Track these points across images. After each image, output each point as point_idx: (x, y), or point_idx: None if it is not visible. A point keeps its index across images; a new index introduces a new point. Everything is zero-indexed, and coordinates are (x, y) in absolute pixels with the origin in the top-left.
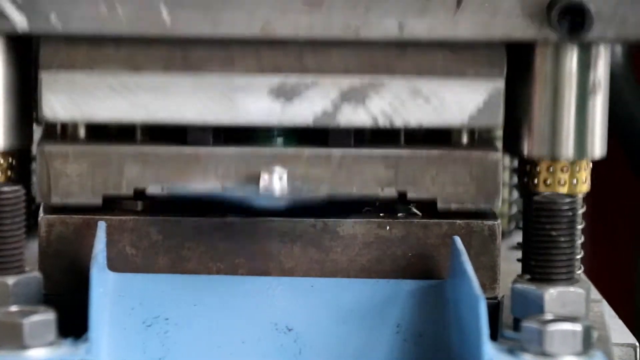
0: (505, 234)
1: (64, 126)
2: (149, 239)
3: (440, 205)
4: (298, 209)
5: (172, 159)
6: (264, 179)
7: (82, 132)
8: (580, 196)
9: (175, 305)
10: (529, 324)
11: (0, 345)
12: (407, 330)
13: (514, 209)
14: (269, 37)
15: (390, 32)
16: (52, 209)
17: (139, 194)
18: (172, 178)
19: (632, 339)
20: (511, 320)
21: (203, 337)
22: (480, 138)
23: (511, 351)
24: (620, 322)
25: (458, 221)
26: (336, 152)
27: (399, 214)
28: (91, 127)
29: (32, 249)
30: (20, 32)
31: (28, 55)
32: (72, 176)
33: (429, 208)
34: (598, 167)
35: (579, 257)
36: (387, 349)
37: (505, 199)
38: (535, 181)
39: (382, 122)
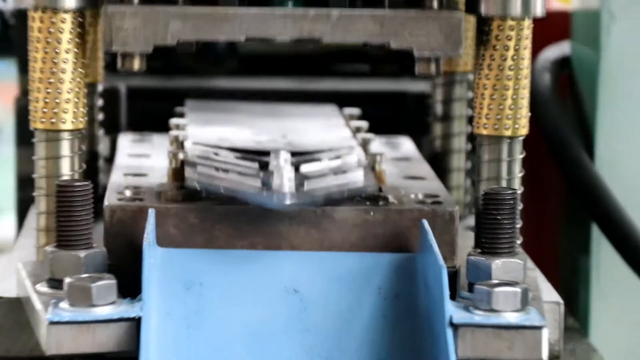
0: (461, 218)
1: None
2: (187, 222)
3: (416, 53)
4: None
5: (207, 16)
6: (276, 180)
7: None
8: (520, 139)
9: (208, 273)
10: (480, 287)
11: (74, 304)
12: (386, 291)
13: (468, 198)
14: None
15: None
16: (114, 197)
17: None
18: (206, 31)
19: (557, 298)
20: (466, 284)
21: (228, 297)
22: (447, 0)
23: (466, 308)
24: (549, 284)
25: (425, 208)
26: (335, 11)
27: (380, 203)
28: None
29: (98, 229)
30: None
31: None
32: (128, 30)
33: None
34: (529, 162)
35: (518, 235)
36: (371, 306)
37: (462, 186)
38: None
39: None
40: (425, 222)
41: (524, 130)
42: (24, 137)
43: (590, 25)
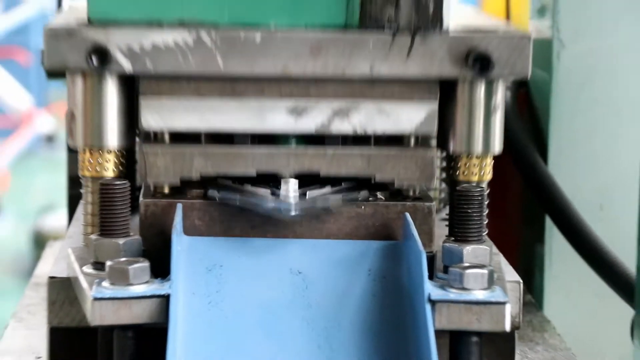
0: (437, 211)
1: (155, 133)
2: (209, 215)
3: (396, 184)
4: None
5: (224, 154)
6: (284, 191)
7: (166, 138)
8: (486, 183)
9: (226, 257)
10: (453, 269)
11: (114, 283)
12: (375, 273)
13: (442, 195)
14: (287, 75)
15: (365, 71)
16: (148, 194)
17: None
18: (224, 166)
19: (517, 278)
20: (442, 267)
21: (243, 277)
22: (422, 141)
23: (442, 287)
24: (510, 267)
25: (408, 203)
26: (330, 149)
27: (370, 199)
28: (172, 134)
29: (135, 221)
30: (127, 73)
31: (132, 87)
32: (160, 166)
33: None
34: (494, 166)
35: (485, 226)
36: (362, 285)
37: (438, 188)
38: (457, 172)
39: (359, 131)
40: (408, 215)
41: None
42: None
43: (544, 51)
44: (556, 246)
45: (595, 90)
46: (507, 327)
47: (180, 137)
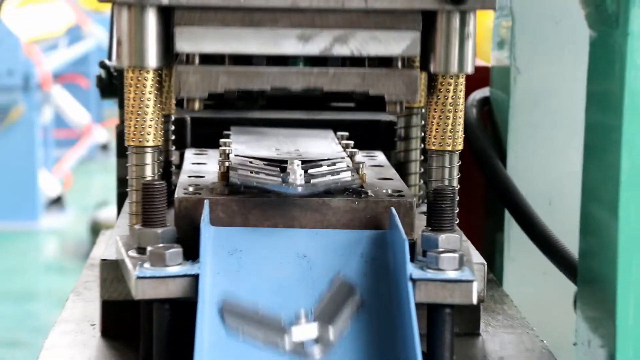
0: (417, 206)
1: (187, 55)
2: (231, 209)
3: (386, 98)
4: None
5: (244, 72)
6: (291, 177)
7: (197, 59)
8: (457, 152)
9: (245, 243)
10: (430, 253)
11: (153, 264)
12: (367, 256)
13: (421, 192)
14: (295, 7)
15: (361, 4)
16: (181, 192)
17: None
18: (244, 83)
19: (482, 260)
20: (421, 251)
21: (259, 259)
22: (407, 62)
23: (421, 268)
24: (476, 252)
25: (393, 199)
26: (331, 69)
27: (362, 196)
28: (201, 56)
29: (170, 213)
30: (164, 5)
31: (168, 17)
32: (191, 82)
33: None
34: (462, 169)
35: (455, 218)
36: (355, 267)
37: (418, 185)
38: (436, 92)
39: (356, 53)
40: (393, 209)
41: (460, 146)
42: (122, 150)
43: (503, 76)
44: (513, 234)
45: (544, 107)
46: (474, 301)
47: (208, 59)
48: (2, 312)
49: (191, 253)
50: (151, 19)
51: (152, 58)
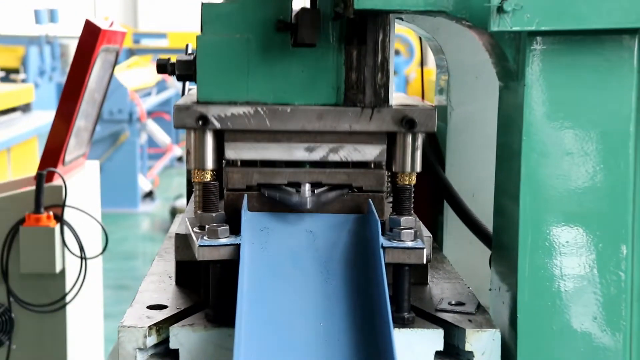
0: (387, 198)
1: (232, 160)
2: (262, 201)
3: (364, 188)
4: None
5: (270, 172)
6: (303, 189)
7: (239, 163)
8: (412, 185)
9: (270, 223)
10: (395, 230)
11: (210, 237)
12: (352, 232)
13: (389, 189)
14: (304, 130)
15: (346, 128)
16: (229, 190)
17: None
18: (269, 179)
19: (429, 234)
20: (389, 228)
21: (280, 234)
22: (377, 165)
23: (389, 239)
24: (425, 229)
25: (371, 194)
26: (327, 170)
27: (349, 191)
28: (241, 161)
29: (221, 203)
30: (217, 129)
31: (221, 136)
32: (235, 179)
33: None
34: (419, 176)
35: (412, 206)
36: (346, 239)
37: (386, 187)
38: (397, 180)
39: (344, 159)
40: (370, 200)
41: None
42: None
43: (442, 112)
44: (449, 217)
45: (470, 132)
46: (425, 261)
47: (246, 163)
48: (114, 266)
49: (235, 230)
50: (209, 137)
51: (209, 162)
